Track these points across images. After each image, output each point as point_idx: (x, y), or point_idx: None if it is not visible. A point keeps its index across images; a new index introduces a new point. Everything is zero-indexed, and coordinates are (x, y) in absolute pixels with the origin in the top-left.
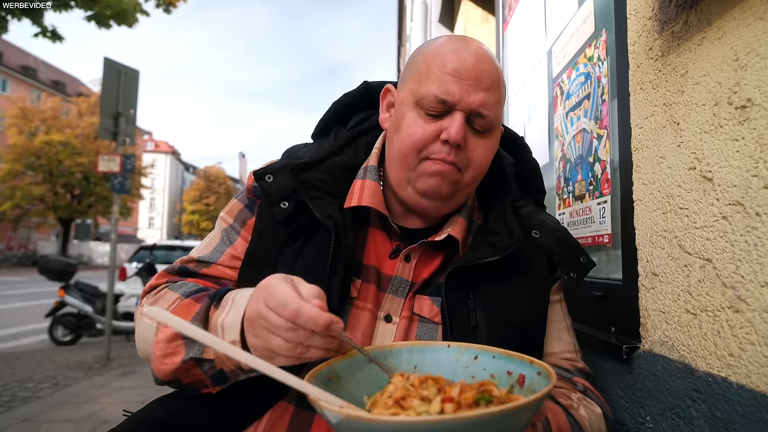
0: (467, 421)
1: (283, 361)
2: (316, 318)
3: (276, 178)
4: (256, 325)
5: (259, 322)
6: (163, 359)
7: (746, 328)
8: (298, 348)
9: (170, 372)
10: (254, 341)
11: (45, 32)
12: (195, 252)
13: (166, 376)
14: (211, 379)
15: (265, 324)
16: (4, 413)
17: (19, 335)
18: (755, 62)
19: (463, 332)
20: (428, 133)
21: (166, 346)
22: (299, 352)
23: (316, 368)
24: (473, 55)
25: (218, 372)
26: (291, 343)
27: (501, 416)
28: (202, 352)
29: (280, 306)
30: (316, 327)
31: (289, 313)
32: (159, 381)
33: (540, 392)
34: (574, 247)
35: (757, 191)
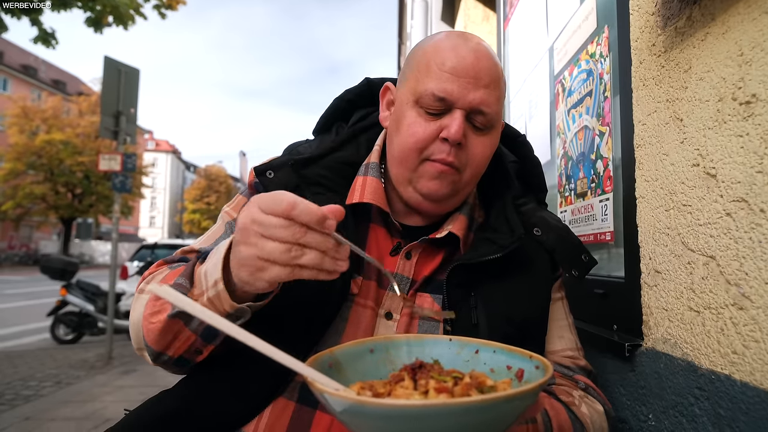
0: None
1: (277, 271)
2: (310, 207)
3: (277, 174)
4: (248, 233)
5: (251, 229)
6: (151, 318)
7: (750, 325)
8: (292, 250)
9: (159, 332)
10: (246, 251)
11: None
12: (196, 243)
13: (156, 340)
14: (201, 338)
15: (257, 228)
16: (7, 411)
17: (21, 334)
18: (760, 57)
19: (464, 330)
20: (428, 132)
21: (153, 304)
22: (294, 256)
23: (317, 355)
24: (472, 53)
25: (206, 328)
26: (285, 244)
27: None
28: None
29: (273, 203)
30: (311, 217)
31: (284, 206)
32: (153, 353)
33: (534, 383)
34: (575, 244)
35: (761, 187)
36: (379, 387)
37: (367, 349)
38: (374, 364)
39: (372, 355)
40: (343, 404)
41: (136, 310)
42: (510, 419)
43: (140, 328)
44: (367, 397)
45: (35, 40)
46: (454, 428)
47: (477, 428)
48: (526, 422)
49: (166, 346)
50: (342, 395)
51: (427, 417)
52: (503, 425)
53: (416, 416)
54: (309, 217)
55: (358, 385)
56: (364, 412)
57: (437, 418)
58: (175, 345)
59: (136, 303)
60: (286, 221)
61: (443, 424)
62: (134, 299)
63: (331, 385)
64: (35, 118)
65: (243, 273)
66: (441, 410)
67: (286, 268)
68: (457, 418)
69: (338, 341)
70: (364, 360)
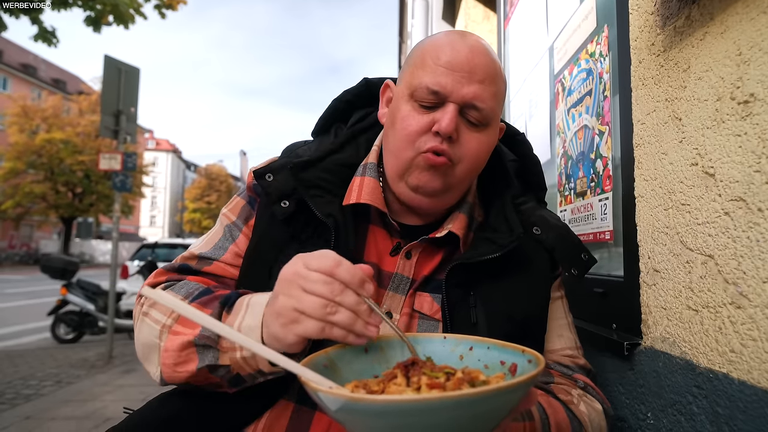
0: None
1: (310, 325)
2: (354, 270)
3: (276, 177)
4: (290, 285)
5: (294, 281)
6: (175, 368)
7: (748, 324)
8: (328, 306)
9: (183, 380)
10: (284, 302)
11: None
12: (195, 248)
13: (177, 382)
14: (227, 383)
15: (300, 281)
16: (8, 411)
17: (21, 333)
18: (758, 57)
19: (463, 329)
20: (421, 124)
21: (177, 354)
22: (328, 312)
23: (312, 355)
24: (467, 48)
25: (235, 376)
26: (322, 299)
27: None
28: (217, 359)
29: (320, 258)
30: (354, 278)
31: (329, 263)
32: (165, 383)
33: (525, 376)
34: (575, 243)
35: (759, 187)
36: (373, 385)
37: (361, 348)
38: (369, 363)
39: (367, 354)
40: (337, 402)
41: (145, 334)
42: (503, 412)
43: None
44: (361, 394)
45: (35, 38)
46: (447, 422)
47: (470, 422)
48: (523, 420)
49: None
50: (335, 393)
51: (419, 411)
52: (496, 418)
53: (409, 411)
54: (350, 277)
55: (352, 383)
56: (358, 408)
57: (430, 413)
58: (198, 383)
59: (143, 325)
60: (328, 278)
61: (436, 419)
62: (137, 319)
63: (325, 383)
64: (35, 117)
65: (276, 324)
66: (433, 404)
67: (318, 324)
68: (450, 412)
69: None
70: (360, 360)
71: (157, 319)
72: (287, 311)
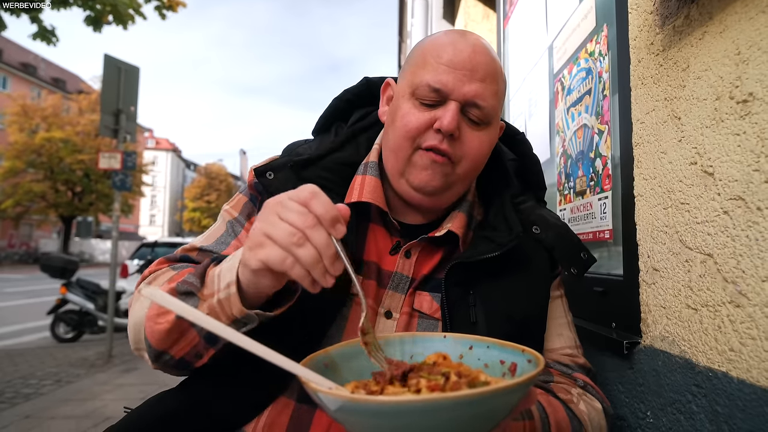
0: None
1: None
2: (328, 205)
3: (277, 175)
4: (269, 212)
5: (272, 208)
6: (157, 318)
7: (747, 323)
8: (295, 236)
9: (164, 333)
10: (257, 226)
11: (42, 33)
12: (197, 241)
13: (160, 340)
14: (204, 341)
15: (276, 208)
16: (7, 410)
17: (21, 332)
18: (757, 56)
19: (462, 328)
20: (422, 121)
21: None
22: (294, 242)
23: (312, 355)
24: (469, 47)
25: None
26: (292, 228)
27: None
28: (196, 306)
29: (300, 190)
30: (327, 213)
31: (306, 194)
32: (154, 353)
33: (524, 376)
34: (574, 242)
35: (758, 186)
36: (373, 386)
37: (362, 348)
38: (370, 363)
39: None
40: (336, 402)
41: (137, 310)
42: (503, 412)
43: (141, 328)
44: (360, 395)
45: (34, 37)
46: (447, 423)
47: (469, 422)
48: (522, 419)
49: (169, 345)
50: (335, 393)
51: (419, 412)
52: (496, 418)
53: (409, 412)
54: (323, 211)
55: (352, 384)
56: (357, 409)
57: (429, 413)
58: (179, 345)
59: (136, 303)
60: (303, 208)
61: (436, 419)
62: (133, 299)
63: (325, 384)
64: (35, 116)
65: (246, 249)
66: (433, 405)
67: (281, 252)
68: (449, 413)
69: (339, 340)
70: (360, 359)
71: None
72: (257, 235)
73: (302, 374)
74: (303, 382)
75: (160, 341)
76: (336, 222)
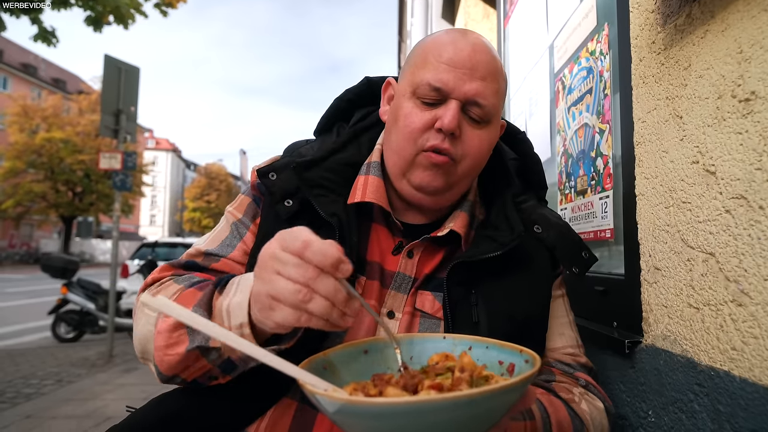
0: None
1: (285, 314)
2: (325, 250)
3: (279, 176)
4: (266, 269)
5: (269, 264)
6: (166, 350)
7: (749, 321)
8: (301, 292)
9: (175, 364)
10: (259, 287)
11: (43, 34)
12: (201, 245)
13: (170, 368)
14: (219, 369)
15: (273, 264)
16: (8, 409)
17: (22, 332)
18: (759, 54)
19: (464, 328)
20: (424, 121)
21: (168, 336)
22: (302, 298)
23: (311, 357)
24: (469, 45)
25: (226, 360)
26: (296, 284)
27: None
28: (207, 340)
29: (291, 239)
30: (325, 260)
31: (299, 244)
32: (163, 377)
33: (520, 376)
34: (576, 242)
35: (760, 184)
36: (371, 388)
37: (361, 350)
38: (369, 365)
39: (366, 356)
40: (335, 405)
41: (143, 324)
42: (500, 412)
43: (147, 343)
44: (358, 397)
45: (35, 38)
46: (444, 423)
47: (467, 422)
48: (524, 419)
49: (180, 372)
50: (332, 395)
51: (416, 413)
52: (494, 418)
53: (406, 413)
54: (322, 258)
55: (351, 386)
56: (355, 411)
57: (426, 414)
58: (189, 371)
59: (142, 316)
60: (298, 260)
61: (433, 420)
62: (137, 309)
63: (322, 386)
64: (35, 117)
65: (255, 310)
66: (430, 406)
67: (294, 312)
68: (447, 413)
69: (340, 341)
70: (359, 361)
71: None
72: (262, 297)
73: (300, 377)
74: (301, 385)
75: (170, 369)
76: (338, 264)
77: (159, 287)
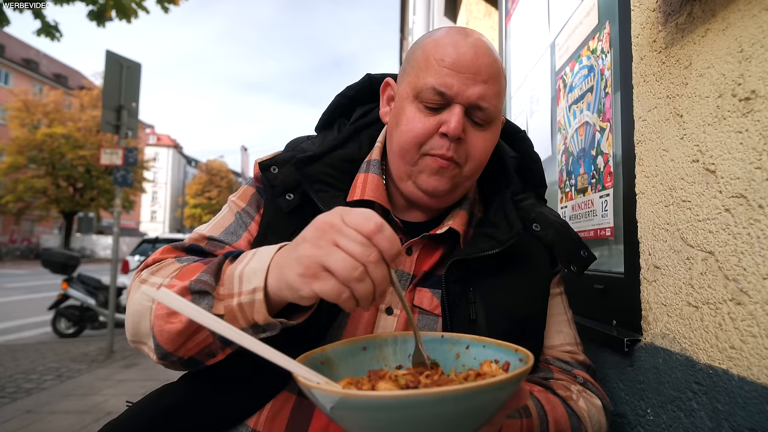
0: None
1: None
2: (394, 240)
3: (281, 170)
4: (322, 235)
5: (328, 232)
6: (168, 319)
7: (748, 320)
8: (358, 270)
9: (175, 334)
10: (310, 251)
11: (46, 29)
12: (205, 230)
13: (170, 340)
14: (219, 341)
15: (334, 235)
16: (9, 404)
17: (22, 327)
18: (760, 53)
19: (462, 325)
20: (428, 126)
21: None
22: (357, 276)
23: (308, 352)
24: (471, 48)
25: None
26: (354, 261)
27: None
28: (211, 306)
29: (363, 219)
30: (392, 249)
31: (372, 226)
32: (161, 351)
33: (512, 373)
34: (574, 240)
35: (760, 183)
36: (365, 382)
37: (359, 347)
38: (367, 361)
39: (365, 352)
40: (327, 398)
41: (137, 300)
42: (493, 407)
43: (142, 320)
44: (352, 390)
45: (38, 33)
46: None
47: (461, 417)
48: (520, 417)
49: (179, 346)
50: (325, 389)
51: (406, 407)
52: (487, 414)
53: (397, 406)
54: (389, 246)
55: (345, 380)
56: (348, 404)
57: (416, 408)
58: (188, 345)
59: (136, 293)
60: (366, 239)
61: (424, 414)
62: (132, 287)
63: (315, 379)
64: (36, 112)
65: (294, 272)
66: (423, 400)
67: (340, 287)
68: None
69: (339, 336)
70: (357, 357)
71: (154, 282)
72: (312, 263)
73: (294, 370)
74: (295, 377)
75: (169, 341)
76: (398, 256)
77: (159, 266)
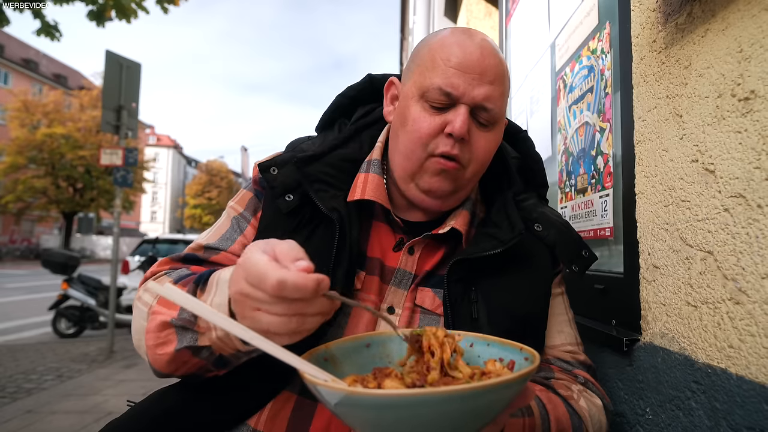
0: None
1: (281, 340)
2: (302, 285)
3: (281, 171)
4: (243, 306)
5: (245, 303)
6: (156, 349)
7: (746, 319)
8: (293, 321)
9: (166, 363)
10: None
11: (46, 28)
12: (202, 239)
13: (163, 366)
14: (213, 365)
15: (250, 303)
16: (9, 405)
17: (23, 328)
18: (759, 54)
19: (464, 324)
20: (433, 126)
21: (156, 335)
22: (295, 326)
23: (312, 349)
24: (478, 49)
25: (218, 357)
26: (283, 317)
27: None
28: (195, 340)
29: (259, 281)
30: (306, 291)
31: (272, 287)
32: (159, 373)
33: (519, 372)
34: (576, 240)
35: (759, 183)
36: (371, 380)
37: (363, 344)
38: (371, 358)
39: (368, 349)
40: (334, 395)
41: (136, 318)
42: (499, 407)
43: (141, 338)
44: (358, 388)
45: (38, 32)
46: (443, 416)
47: (466, 416)
48: (522, 416)
49: (173, 370)
50: (333, 386)
51: (414, 405)
52: (492, 413)
53: (404, 405)
54: (303, 293)
55: (350, 377)
56: (355, 402)
57: (424, 406)
58: (182, 369)
59: (136, 310)
60: (278, 298)
61: (430, 412)
62: (134, 304)
63: (323, 377)
64: (36, 112)
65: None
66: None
67: (289, 338)
68: (445, 406)
69: (340, 335)
70: (361, 355)
71: (145, 302)
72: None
73: (300, 367)
74: (300, 374)
75: (164, 367)
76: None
77: (155, 281)
